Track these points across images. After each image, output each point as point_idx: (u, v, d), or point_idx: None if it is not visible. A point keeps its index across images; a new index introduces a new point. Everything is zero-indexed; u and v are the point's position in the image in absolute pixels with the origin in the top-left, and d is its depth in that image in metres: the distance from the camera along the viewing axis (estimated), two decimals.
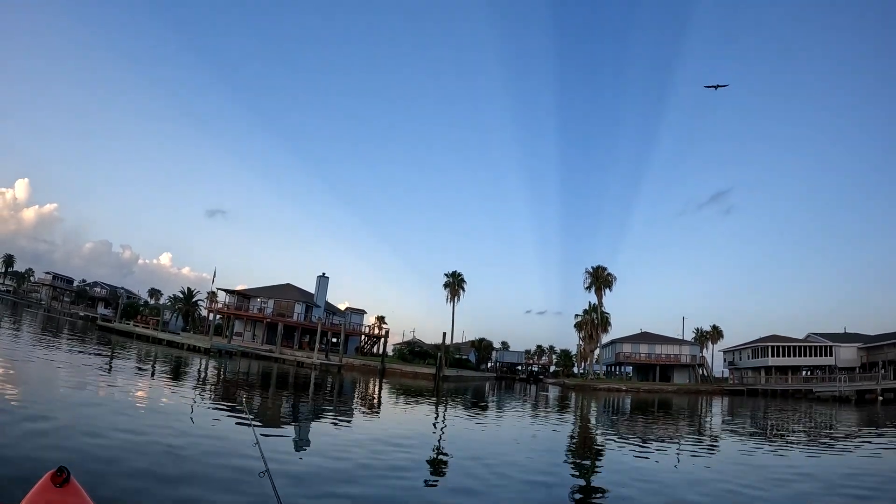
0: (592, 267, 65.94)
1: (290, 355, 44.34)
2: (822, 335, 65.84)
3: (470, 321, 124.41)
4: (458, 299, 65.62)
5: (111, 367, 19.50)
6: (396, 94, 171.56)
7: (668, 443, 14.51)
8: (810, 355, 61.66)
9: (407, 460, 8.76)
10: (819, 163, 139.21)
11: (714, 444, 14.90)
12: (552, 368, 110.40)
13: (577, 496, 7.48)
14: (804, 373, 59.04)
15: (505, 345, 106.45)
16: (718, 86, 39.92)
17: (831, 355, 60.93)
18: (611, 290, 65.72)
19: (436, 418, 16.76)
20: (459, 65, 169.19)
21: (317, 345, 43.66)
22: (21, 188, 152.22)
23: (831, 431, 19.22)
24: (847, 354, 61.88)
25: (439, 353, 49.40)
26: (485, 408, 22.99)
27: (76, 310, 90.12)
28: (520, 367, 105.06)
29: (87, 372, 15.87)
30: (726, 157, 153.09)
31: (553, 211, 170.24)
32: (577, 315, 71.05)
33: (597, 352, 69.62)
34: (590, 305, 67.99)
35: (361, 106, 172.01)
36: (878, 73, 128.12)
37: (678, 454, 12.32)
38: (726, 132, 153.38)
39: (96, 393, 11.51)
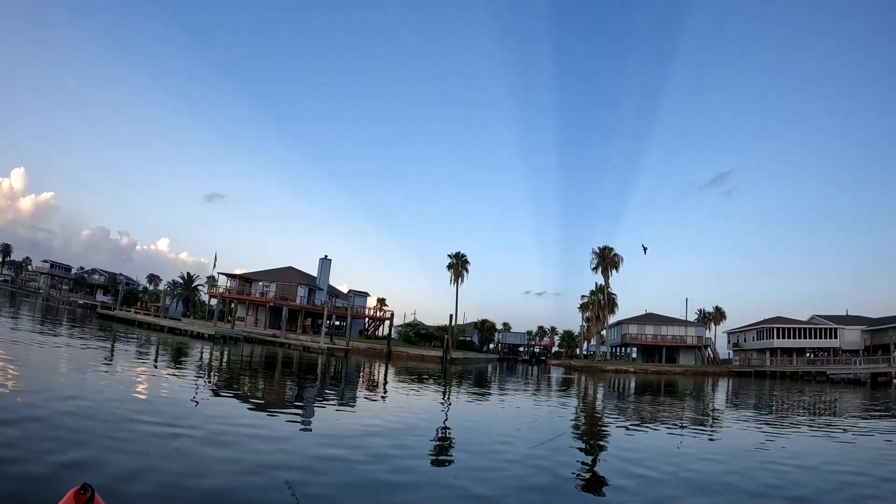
0: (599, 247, 65.29)
1: (295, 339, 43.65)
2: (825, 317, 65.61)
3: (469, 302, 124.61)
4: (462, 280, 64.86)
5: (113, 358, 18.87)
6: (392, 76, 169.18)
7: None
8: (815, 337, 61.45)
9: (434, 444, 8.44)
10: (820, 145, 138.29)
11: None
12: (554, 349, 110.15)
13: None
14: (808, 355, 58.79)
15: (507, 326, 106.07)
16: (645, 248, 58.18)
17: (836, 337, 60.76)
18: (617, 270, 65.20)
19: (449, 403, 16.13)
20: (455, 41, 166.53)
21: (323, 328, 43.00)
22: (17, 177, 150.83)
23: None
24: (851, 337, 61.76)
25: (446, 336, 48.82)
26: (500, 392, 22.36)
27: (75, 298, 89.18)
28: (522, 349, 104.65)
29: (96, 366, 15.22)
30: (727, 140, 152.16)
31: (551, 192, 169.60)
32: (583, 296, 70.69)
33: (603, 333, 69.29)
34: (596, 286, 67.49)
35: (359, 91, 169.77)
36: (881, 52, 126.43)
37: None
38: (727, 114, 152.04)
39: (111, 392, 10.73)
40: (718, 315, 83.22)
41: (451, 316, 53.21)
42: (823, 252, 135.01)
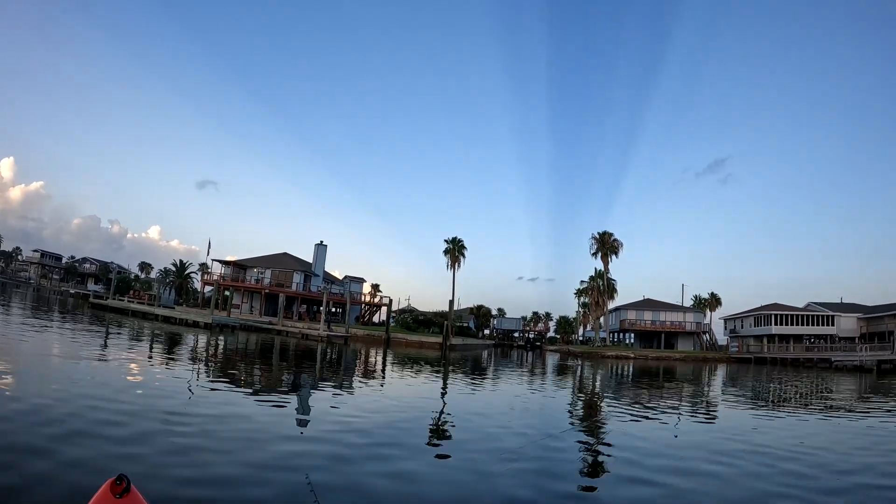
0: (598, 233, 64.94)
1: (293, 327, 42.91)
2: (821, 304, 65.69)
3: (462, 288, 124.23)
4: (459, 266, 64.04)
5: (106, 346, 18.10)
6: (387, 66, 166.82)
7: None
8: (813, 324, 61.57)
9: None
10: (817, 134, 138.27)
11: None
12: (549, 335, 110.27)
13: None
14: (805, 342, 58.84)
15: (501, 311, 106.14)
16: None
17: (833, 325, 60.91)
18: (617, 256, 64.93)
19: (462, 390, 15.54)
20: (449, 31, 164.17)
21: (323, 315, 42.31)
22: (6, 167, 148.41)
23: None
24: (847, 324, 61.89)
25: (446, 322, 48.30)
26: (510, 381, 21.82)
27: (66, 287, 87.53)
28: (517, 334, 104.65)
29: (96, 357, 14.52)
30: (723, 127, 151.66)
31: (544, 179, 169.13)
32: (582, 281, 70.38)
33: (602, 319, 69.09)
34: (595, 272, 67.20)
35: (352, 78, 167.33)
36: (878, 40, 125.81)
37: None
38: (724, 101, 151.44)
39: (119, 386, 10.04)
40: (714, 301, 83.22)
41: (450, 302, 52.79)
42: (818, 239, 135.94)
